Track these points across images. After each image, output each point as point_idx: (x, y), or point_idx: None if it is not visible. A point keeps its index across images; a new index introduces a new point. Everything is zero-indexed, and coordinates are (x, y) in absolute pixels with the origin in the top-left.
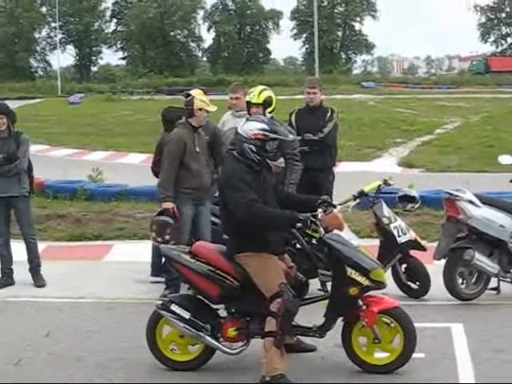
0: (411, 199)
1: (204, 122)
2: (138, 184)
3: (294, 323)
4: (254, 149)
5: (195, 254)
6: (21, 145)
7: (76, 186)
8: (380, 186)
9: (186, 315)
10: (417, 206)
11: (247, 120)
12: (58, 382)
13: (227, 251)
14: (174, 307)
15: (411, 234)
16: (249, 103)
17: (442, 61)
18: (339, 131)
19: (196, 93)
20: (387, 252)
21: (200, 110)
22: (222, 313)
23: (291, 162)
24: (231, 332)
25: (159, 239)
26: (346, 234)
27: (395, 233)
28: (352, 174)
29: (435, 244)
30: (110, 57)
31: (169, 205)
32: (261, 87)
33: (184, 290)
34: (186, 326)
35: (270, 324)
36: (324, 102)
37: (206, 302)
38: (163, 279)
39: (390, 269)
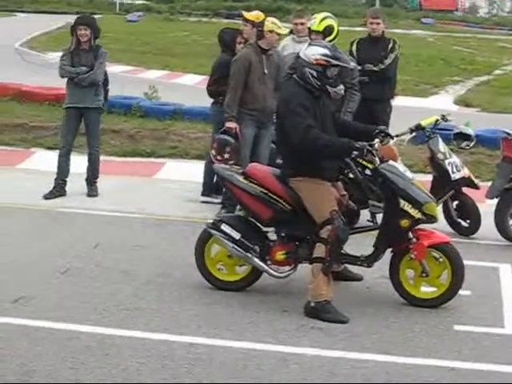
0: (467, 137)
1: (275, 45)
2: (192, 104)
3: (342, 251)
4: (314, 74)
5: (249, 176)
6: (98, 57)
7: (131, 102)
8: (437, 120)
9: (236, 235)
10: (472, 144)
11: (309, 44)
12: (103, 293)
13: (281, 175)
14: (224, 227)
15: (465, 171)
16: (309, 29)
17: (504, 3)
18: (399, 64)
19: (257, 14)
20: (440, 187)
21: (271, 32)
22: (272, 236)
23: (350, 91)
24: (279, 255)
25: (218, 157)
26: (401, 166)
27: (449, 169)
28: (408, 109)
29: (488, 183)
30: None
31: (232, 124)
32: (324, 14)
33: None
34: (235, 247)
35: (319, 250)
36: (386, 34)
37: (257, 224)
38: (213, 199)
39: (441, 205)
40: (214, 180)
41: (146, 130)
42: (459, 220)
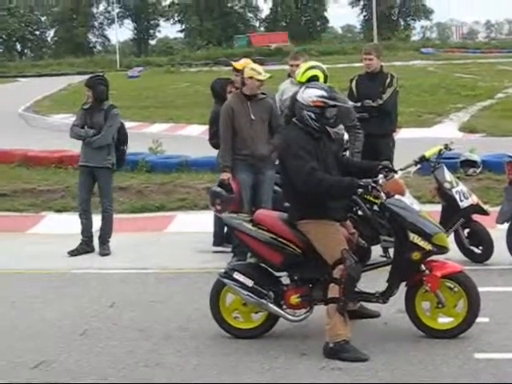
0: (473, 164)
1: (257, 91)
2: (198, 155)
3: (356, 289)
4: (313, 116)
5: (257, 222)
6: (109, 118)
7: (137, 158)
8: (441, 150)
9: (249, 283)
10: (479, 170)
11: (306, 87)
12: (123, 352)
13: (289, 219)
14: (236, 275)
15: (473, 199)
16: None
17: (501, 25)
18: (399, 97)
19: (245, 62)
20: (449, 217)
21: (250, 78)
22: (285, 280)
23: (352, 131)
24: (294, 299)
25: (212, 208)
26: (408, 199)
27: (457, 197)
28: (412, 141)
29: (498, 208)
30: (168, 30)
31: (224, 175)
32: (309, 64)
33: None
34: (249, 294)
35: (333, 290)
36: (384, 68)
37: (269, 269)
38: (225, 249)
39: (453, 234)
40: (225, 229)
41: (153, 184)
42: (472, 247)
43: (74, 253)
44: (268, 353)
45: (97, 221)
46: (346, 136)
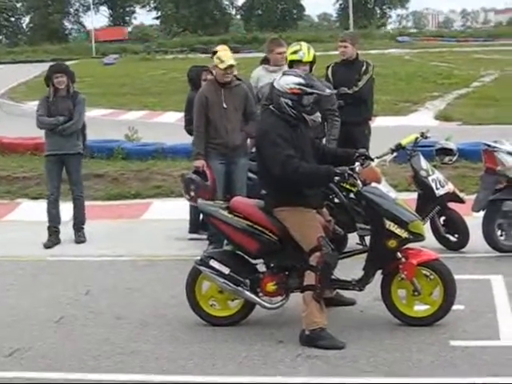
0: (449, 152)
1: (227, 79)
2: (174, 142)
3: (333, 277)
4: (290, 103)
5: (233, 210)
6: (77, 104)
7: (113, 146)
8: (417, 138)
9: (226, 270)
10: (455, 158)
11: (283, 74)
12: (99, 339)
13: (265, 206)
14: (213, 262)
15: (449, 187)
16: (299, 61)
17: (477, 14)
18: (375, 85)
19: (218, 49)
20: (425, 205)
21: (216, 66)
22: (261, 267)
23: (331, 118)
24: (270, 286)
25: (186, 196)
26: (384, 186)
27: (433, 185)
28: (389, 129)
29: (474, 196)
30: (144, 16)
31: (198, 162)
32: (305, 44)
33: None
34: (226, 281)
35: (309, 278)
36: (360, 56)
37: (245, 257)
38: (201, 236)
39: (429, 222)
40: (201, 216)
41: (129, 171)
42: (447, 235)
43: (48, 245)
44: (244, 340)
45: (65, 209)
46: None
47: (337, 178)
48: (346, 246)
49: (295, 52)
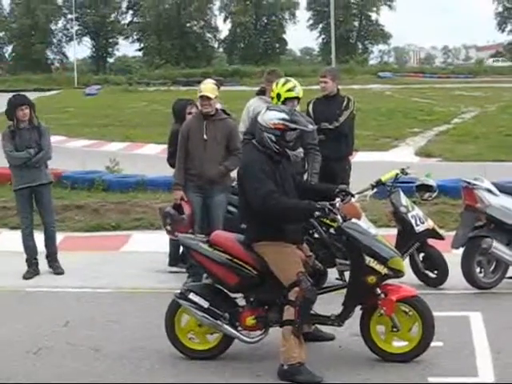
0: (429, 188)
1: (205, 109)
2: (155, 175)
3: (312, 312)
4: (273, 138)
5: (213, 243)
6: (43, 135)
7: (94, 177)
8: (397, 174)
9: (205, 304)
10: (434, 195)
11: (267, 109)
12: (78, 371)
13: (245, 240)
14: (192, 296)
15: (429, 223)
16: (295, 98)
17: (458, 50)
18: (356, 120)
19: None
20: (405, 241)
21: (201, 97)
22: (241, 301)
23: (312, 152)
24: (250, 320)
25: (164, 229)
26: (364, 222)
27: (413, 222)
28: (369, 164)
29: (453, 233)
30: (127, 48)
31: (176, 193)
32: (291, 80)
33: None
34: (205, 315)
35: (289, 312)
36: (341, 92)
37: (225, 290)
38: (181, 269)
39: (408, 258)
40: (181, 249)
41: (109, 203)
42: (427, 271)
43: (27, 276)
44: (222, 374)
45: (38, 240)
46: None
47: (317, 213)
48: (325, 281)
49: (291, 89)
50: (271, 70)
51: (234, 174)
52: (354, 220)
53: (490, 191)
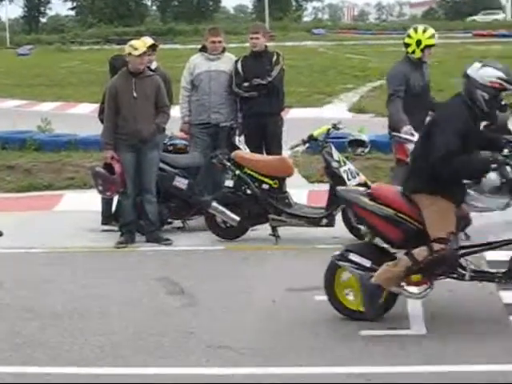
0: (361, 143)
1: (141, 66)
2: (87, 134)
3: (479, 269)
4: (486, 97)
5: (374, 197)
6: None
7: (25, 137)
8: (329, 129)
9: (367, 263)
10: (367, 150)
11: (484, 65)
12: (11, 332)
13: (405, 190)
14: (352, 256)
15: (361, 178)
16: (431, 46)
17: (392, 7)
18: (285, 76)
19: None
20: (337, 196)
21: (129, 54)
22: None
23: None
24: (416, 276)
25: (96, 189)
26: None
27: (345, 176)
28: (302, 120)
29: None
30: (59, 7)
31: (107, 153)
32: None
33: (137, 236)
34: (369, 274)
35: (421, 253)
36: (269, 48)
37: (385, 247)
38: (113, 227)
39: (340, 212)
40: (113, 208)
41: (41, 163)
42: (359, 226)
43: None
44: (154, 331)
45: None
46: None
47: (493, 165)
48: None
49: (432, 37)
50: (210, 27)
51: (167, 131)
52: None
53: None
